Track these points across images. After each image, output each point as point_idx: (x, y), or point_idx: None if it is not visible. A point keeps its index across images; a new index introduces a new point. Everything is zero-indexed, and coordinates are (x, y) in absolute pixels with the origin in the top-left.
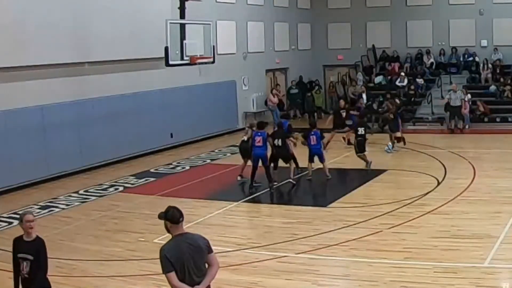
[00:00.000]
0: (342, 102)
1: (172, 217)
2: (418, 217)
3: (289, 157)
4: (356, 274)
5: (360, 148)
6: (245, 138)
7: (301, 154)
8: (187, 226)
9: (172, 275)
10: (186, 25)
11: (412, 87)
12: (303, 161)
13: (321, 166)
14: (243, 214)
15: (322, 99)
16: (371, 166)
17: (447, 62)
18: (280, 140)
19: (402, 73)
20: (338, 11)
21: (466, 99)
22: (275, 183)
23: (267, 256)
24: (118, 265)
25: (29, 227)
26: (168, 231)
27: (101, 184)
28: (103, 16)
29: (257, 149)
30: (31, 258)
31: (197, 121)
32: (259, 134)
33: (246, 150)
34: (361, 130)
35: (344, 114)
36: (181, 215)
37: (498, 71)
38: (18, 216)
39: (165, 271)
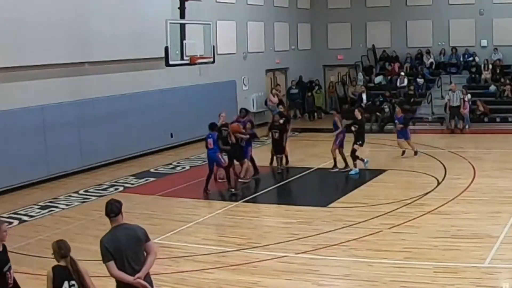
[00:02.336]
0: (276, 117)
1: (105, 211)
2: (418, 217)
3: (243, 157)
4: (356, 274)
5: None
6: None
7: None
8: (187, 226)
9: (111, 264)
10: (186, 25)
11: (412, 87)
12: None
13: (321, 166)
14: (243, 214)
15: (322, 99)
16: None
17: (447, 62)
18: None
19: (402, 73)
20: (338, 11)
21: (466, 99)
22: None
23: (267, 256)
24: None
25: (5, 236)
26: None
27: (101, 184)
28: (103, 16)
29: (210, 151)
30: (11, 264)
31: (197, 121)
32: (210, 136)
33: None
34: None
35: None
36: (112, 210)
37: (498, 71)
38: (18, 216)
39: (105, 260)
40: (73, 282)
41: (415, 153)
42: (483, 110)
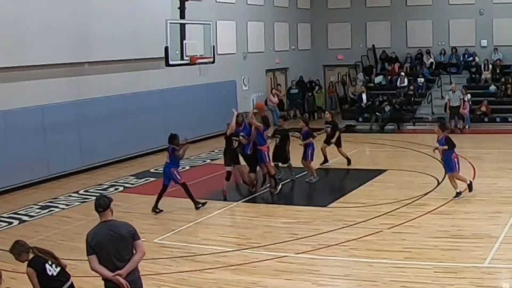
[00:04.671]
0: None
1: (94, 206)
2: (418, 217)
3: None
4: (356, 274)
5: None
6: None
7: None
8: (187, 226)
9: (92, 258)
10: (186, 25)
11: (412, 87)
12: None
13: (320, 166)
14: (243, 214)
15: (322, 99)
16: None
17: (447, 62)
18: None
19: (402, 73)
20: (338, 11)
21: (466, 99)
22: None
23: (267, 256)
24: None
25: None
26: None
27: (101, 184)
28: (103, 16)
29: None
30: None
31: (197, 121)
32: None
33: (224, 154)
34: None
35: None
36: (100, 205)
37: (498, 71)
38: (18, 216)
39: (87, 254)
40: (50, 261)
41: (309, 180)
42: (484, 111)
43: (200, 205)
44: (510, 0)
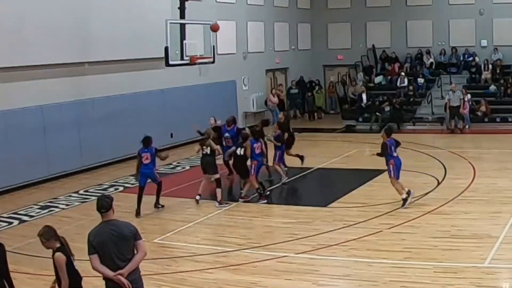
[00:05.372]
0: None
1: (96, 206)
2: (418, 217)
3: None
4: (356, 274)
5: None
6: (208, 151)
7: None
8: (187, 226)
9: (94, 257)
10: (186, 25)
11: (412, 87)
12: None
13: (321, 166)
14: (243, 214)
15: (322, 99)
16: None
17: (447, 62)
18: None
19: (402, 73)
20: (338, 11)
21: (466, 99)
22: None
23: (267, 256)
24: None
25: None
26: None
27: (101, 184)
28: (103, 16)
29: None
30: None
31: (197, 121)
32: (146, 150)
33: (208, 163)
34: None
35: None
36: (103, 206)
37: (498, 71)
38: (18, 216)
39: (88, 253)
40: (72, 257)
41: (283, 183)
42: (485, 110)
43: (160, 206)
44: (510, 0)
